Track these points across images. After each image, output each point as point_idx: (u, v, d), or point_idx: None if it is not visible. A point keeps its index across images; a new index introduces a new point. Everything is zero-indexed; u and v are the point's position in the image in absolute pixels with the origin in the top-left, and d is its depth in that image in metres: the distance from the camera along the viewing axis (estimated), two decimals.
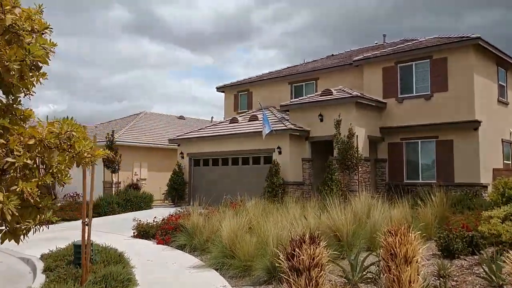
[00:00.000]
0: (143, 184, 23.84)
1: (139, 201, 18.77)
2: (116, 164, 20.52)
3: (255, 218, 10.03)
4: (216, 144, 19.99)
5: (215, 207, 13.86)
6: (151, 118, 30.29)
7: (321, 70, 20.61)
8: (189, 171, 21.15)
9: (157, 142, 25.64)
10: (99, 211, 17.57)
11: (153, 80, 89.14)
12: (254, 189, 17.27)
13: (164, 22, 78.26)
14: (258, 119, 19.72)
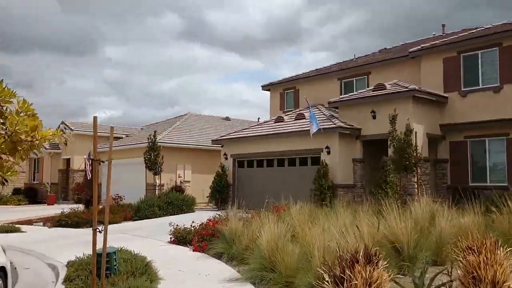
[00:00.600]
0: (187, 186, 23.27)
1: (180, 204, 18.12)
2: (158, 166, 20.01)
3: (300, 224, 8.92)
4: (261, 144, 19.01)
5: (258, 211, 12.91)
6: (196, 120, 29.83)
7: (373, 64, 19.13)
8: (232, 173, 20.30)
9: (201, 143, 25.03)
10: (139, 214, 17.07)
11: (203, 85, 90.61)
12: (301, 192, 16.11)
13: (214, 27, 79.09)
14: (305, 118, 18.55)
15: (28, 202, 26.84)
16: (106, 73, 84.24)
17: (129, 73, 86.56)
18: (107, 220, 5.99)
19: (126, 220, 16.92)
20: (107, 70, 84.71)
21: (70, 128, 26.92)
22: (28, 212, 20.74)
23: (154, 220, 16.60)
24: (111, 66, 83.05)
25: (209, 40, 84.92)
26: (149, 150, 19.92)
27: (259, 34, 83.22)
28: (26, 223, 16.99)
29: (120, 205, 19.23)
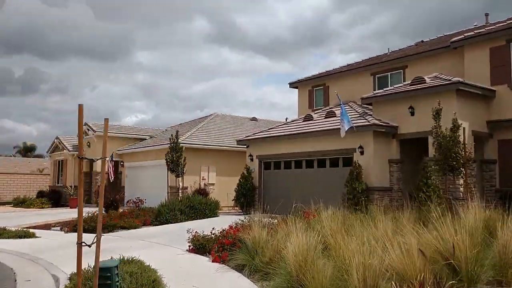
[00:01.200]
0: (211, 189, 22.37)
1: (203, 208, 17.18)
2: (180, 168, 19.17)
3: (332, 234, 7.78)
4: (289, 144, 17.90)
5: (285, 217, 11.83)
6: (222, 120, 28.97)
7: (409, 57, 17.74)
8: (258, 175, 19.26)
9: (226, 144, 24.10)
10: (160, 219, 16.23)
11: (233, 88, 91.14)
12: (332, 195, 14.94)
13: (243, 31, 79.56)
14: (335, 115, 17.33)
15: (52, 205, 26.54)
16: (137, 77, 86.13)
17: (159, 77, 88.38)
18: (100, 229, 5.01)
19: (145, 225, 16.12)
20: (138, 75, 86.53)
21: (92, 129, 26.48)
22: (48, 216, 20.27)
23: (175, 225, 15.72)
24: (142, 70, 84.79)
25: (238, 44, 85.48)
26: (171, 151, 19.10)
27: (287, 37, 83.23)
28: (44, 228, 16.42)
29: (141, 209, 18.47)
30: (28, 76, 78.25)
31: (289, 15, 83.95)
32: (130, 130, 28.95)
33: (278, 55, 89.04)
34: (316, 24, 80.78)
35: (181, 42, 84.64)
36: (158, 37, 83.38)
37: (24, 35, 70.29)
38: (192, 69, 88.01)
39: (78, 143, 4.58)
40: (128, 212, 17.80)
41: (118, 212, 17.82)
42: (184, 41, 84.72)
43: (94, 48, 77.68)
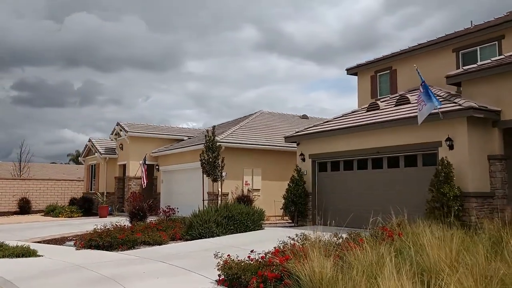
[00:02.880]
0: (256, 196, 19.41)
1: (245, 219, 14.23)
2: (218, 170, 16.33)
3: (452, 270, 4.55)
4: (349, 139, 14.64)
5: (353, 233, 8.76)
6: (268, 118, 26.03)
7: (509, 23, 13.94)
8: (312, 178, 16.09)
9: (273, 143, 21.09)
10: (192, 233, 13.43)
11: (281, 95, 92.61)
12: (410, 203, 11.64)
13: (291, 37, 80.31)
14: (409, 102, 13.92)
15: (83, 214, 24.55)
16: (188, 86, 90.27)
17: (209, 86, 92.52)
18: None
19: (174, 240, 13.41)
20: (189, 84, 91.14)
21: (124, 129, 24.28)
22: (70, 227, 18.05)
23: (209, 241, 12.84)
24: (193, 80, 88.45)
25: (286, 51, 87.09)
26: (207, 150, 16.33)
27: (336, 42, 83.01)
28: (57, 242, 14.07)
29: (171, 220, 15.80)
30: (86, 88, 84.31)
31: (337, 20, 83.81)
32: (167, 130, 26.58)
33: (326, 60, 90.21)
34: (365, 28, 79.57)
35: (230, 51, 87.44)
36: (208, 46, 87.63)
37: (81, 49, 74.54)
38: (241, 77, 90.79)
39: None
40: (156, 223, 15.17)
41: (144, 223, 15.22)
42: (233, 50, 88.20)
43: (147, 59, 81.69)
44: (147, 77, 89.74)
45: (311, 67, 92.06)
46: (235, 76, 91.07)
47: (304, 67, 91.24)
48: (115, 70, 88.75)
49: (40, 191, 29.61)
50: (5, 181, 28.69)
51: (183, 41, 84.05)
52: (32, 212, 27.36)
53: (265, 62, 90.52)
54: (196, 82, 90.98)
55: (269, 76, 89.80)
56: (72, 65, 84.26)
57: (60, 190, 30.45)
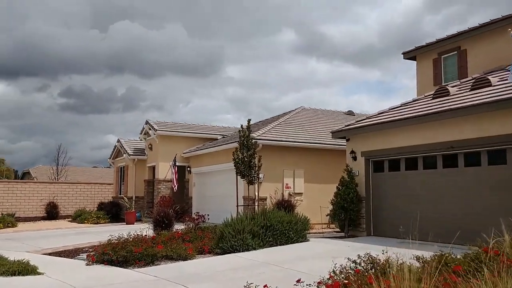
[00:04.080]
0: (298, 201, 17.13)
1: (286, 228, 12.02)
2: (254, 171, 14.19)
3: None
4: (413, 132, 12.18)
5: (436, 254, 6.45)
6: (310, 114, 23.70)
7: None
8: (365, 180, 13.70)
9: (318, 141, 18.77)
10: (222, 245, 11.35)
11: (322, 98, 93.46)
12: (494, 211, 9.07)
13: (331, 40, 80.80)
14: (491, 85, 11.31)
15: (110, 220, 23.00)
16: (228, 91, 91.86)
17: (249, 90, 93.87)
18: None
19: (202, 253, 11.38)
20: (229, 89, 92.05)
21: (153, 128, 22.56)
22: (90, 235, 16.37)
23: (242, 256, 10.70)
24: (233, 84, 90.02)
25: (326, 54, 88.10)
26: (241, 147, 14.21)
27: (377, 43, 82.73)
28: (67, 255, 12.30)
29: (201, 228, 13.78)
30: (129, 94, 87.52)
31: (378, 21, 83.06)
32: (199, 128, 24.71)
33: (367, 62, 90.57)
34: (407, 28, 77.92)
35: (270, 55, 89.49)
36: (247, 51, 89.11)
37: (125, 57, 77.97)
38: (281, 81, 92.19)
39: None
40: (183, 232, 13.18)
41: (169, 233, 13.26)
42: (273, 54, 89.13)
43: (188, 65, 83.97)
44: (188, 83, 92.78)
45: (351, 69, 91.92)
46: (275, 80, 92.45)
47: (345, 69, 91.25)
48: (157, 76, 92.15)
49: (69, 195, 28.43)
50: (32, 185, 27.66)
51: (223, 46, 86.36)
52: (60, 218, 26.15)
53: (304, 65, 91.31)
54: (236, 86, 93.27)
55: (309, 79, 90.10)
56: (116, 73, 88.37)
57: (90, 194, 29.19)
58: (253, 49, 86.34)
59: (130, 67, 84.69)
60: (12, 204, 26.44)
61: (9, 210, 25.26)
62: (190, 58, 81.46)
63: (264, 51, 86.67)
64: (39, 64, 73.26)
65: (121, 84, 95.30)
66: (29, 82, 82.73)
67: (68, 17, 72.53)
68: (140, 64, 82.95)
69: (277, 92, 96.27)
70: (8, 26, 66.11)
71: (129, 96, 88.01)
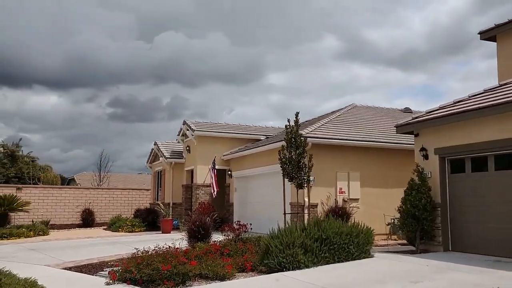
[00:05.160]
0: (354, 208, 14.96)
1: (345, 242, 9.94)
2: (303, 173, 12.17)
3: None
4: (504, 123, 9.79)
5: None
6: (362, 112, 21.44)
7: None
8: (441, 182, 11.41)
9: (376, 139, 16.54)
10: (269, 262, 9.41)
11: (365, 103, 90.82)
12: None
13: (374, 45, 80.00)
14: None
15: (146, 228, 21.53)
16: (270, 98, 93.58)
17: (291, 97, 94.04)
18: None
19: (243, 271, 9.53)
20: (271, 96, 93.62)
21: (191, 128, 20.98)
22: (121, 246, 14.87)
23: (293, 276, 8.73)
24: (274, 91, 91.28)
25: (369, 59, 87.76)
26: (288, 146, 12.23)
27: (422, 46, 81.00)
28: (89, 270, 10.69)
29: (242, 240, 11.90)
30: (173, 103, 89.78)
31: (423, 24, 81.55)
32: (240, 129, 22.92)
33: (412, 66, 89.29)
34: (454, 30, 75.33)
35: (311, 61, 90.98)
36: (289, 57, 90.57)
37: (169, 66, 80.00)
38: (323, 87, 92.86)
39: None
40: (221, 245, 11.34)
41: (206, 245, 11.45)
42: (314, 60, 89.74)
43: (230, 73, 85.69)
44: (231, 91, 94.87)
45: (395, 74, 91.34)
46: (316, 86, 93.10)
47: (388, 74, 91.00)
48: (200, 85, 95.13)
49: (105, 202, 27.33)
50: (68, 191, 26.75)
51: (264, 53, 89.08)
52: (96, 225, 24.98)
53: (346, 71, 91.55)
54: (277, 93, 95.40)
55: (351, 85, 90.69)
56: (161, 82, 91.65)
57: (127, 201, 28.00)
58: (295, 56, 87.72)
59: (174, 76, 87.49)
60: (47, 211, 25.57)
61: (44, 217, 24.39)
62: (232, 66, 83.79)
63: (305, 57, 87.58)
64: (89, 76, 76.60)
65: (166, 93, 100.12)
66: (80, 93, 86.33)
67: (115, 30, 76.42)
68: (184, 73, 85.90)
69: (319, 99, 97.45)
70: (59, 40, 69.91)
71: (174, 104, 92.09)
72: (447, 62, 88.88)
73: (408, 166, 16.45)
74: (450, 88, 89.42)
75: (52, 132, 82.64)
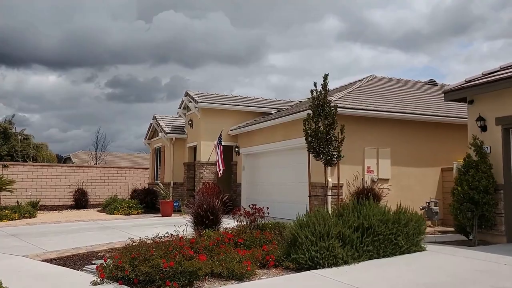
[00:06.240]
0: (385, 189, 13.06)
1: (392, 232, 8.02)
2: (334, 147, 10.20)
3: None
4: None
5: None
6: (384, 84, 19.37)
7: None
8: (504, 159, 9.49)
9: (414, 111, 14.56)
10: (297, 256, 7.54)
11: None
12: None
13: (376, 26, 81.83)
14: None
15: (144, 211, 19.72)
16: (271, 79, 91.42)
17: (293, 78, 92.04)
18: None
19: (265, 267, 7.71)
20: (272, 77, 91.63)
21: (195, 100, 18.94)
22: (114, 232, 13.07)
23: (331, 276, 6.88)
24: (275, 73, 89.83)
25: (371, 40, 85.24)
26: (315, 114, 10.22)
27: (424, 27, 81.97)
28: (74, 263, 8.85)
29: (258, 227, 10.02)
30: (173, 83, 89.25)
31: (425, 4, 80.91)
32: (248, 101, 20.89)
33: (414, 48, 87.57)
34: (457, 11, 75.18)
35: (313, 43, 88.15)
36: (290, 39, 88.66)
37: (169, 46, 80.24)
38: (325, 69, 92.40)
39: None
40: (235, 233, 9.43)
41: (216, 233, 9.55)
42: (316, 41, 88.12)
43: (230, 54, 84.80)
44: (231, 72, 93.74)
45: (397, 55, 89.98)
46: (318, 67, 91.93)
47: (390, 55, 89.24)
48: (201, 65, 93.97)
49: (100, 181, 25.45)
50: (59, 169, 24.79)
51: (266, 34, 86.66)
52: (90, 206, 23.15)
53: (349, 52, 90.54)
54: (279, 75, 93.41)
55: (354, 66, 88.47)
56: (161, 62, 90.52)
57: (124, 180, 26.12)
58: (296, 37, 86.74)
59: (174, 56, 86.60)
60: (36, 191, 23.72)
61: (32, 198, 22.55)
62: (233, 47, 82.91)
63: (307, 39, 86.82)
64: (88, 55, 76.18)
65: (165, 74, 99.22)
66: (79, 73, 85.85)
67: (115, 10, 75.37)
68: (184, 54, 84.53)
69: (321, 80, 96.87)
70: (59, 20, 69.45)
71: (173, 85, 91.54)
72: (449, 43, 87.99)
73: (447, 141, 14.57)
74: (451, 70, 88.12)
75: (51, 112, 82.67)
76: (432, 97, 17.62)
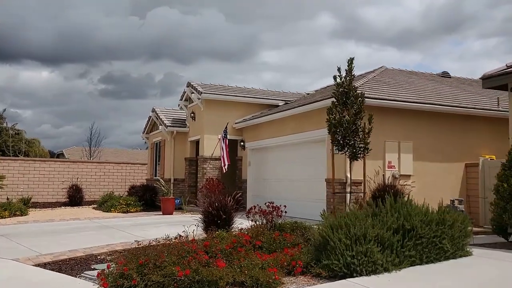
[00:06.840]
0: (408, 185, 12.14)
1: (436, 234, 7.07)
2: (360, 139, 9.24)
3: None
4: None
5: None
6: (396, 75, 18.42)
7: None
8: None
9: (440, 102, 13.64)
10: (329, 263, 6.58)
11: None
12: None
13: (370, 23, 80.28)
14: None
15: (143, 208, 18.70)
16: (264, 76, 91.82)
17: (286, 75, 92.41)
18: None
19: (292, 275, 6.76)
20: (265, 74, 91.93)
21: (198, 90, 17.92)
22: (112, 232, 12.05)
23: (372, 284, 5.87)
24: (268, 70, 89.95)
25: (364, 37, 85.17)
26: (340, 102, 9.24)
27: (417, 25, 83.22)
28: (71, 268, 7.84)
29: (278, 227, 9.05)
30: (166, 80, 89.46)
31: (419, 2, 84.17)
32: (254, 92, 19.89)
33: (407, 45, 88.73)
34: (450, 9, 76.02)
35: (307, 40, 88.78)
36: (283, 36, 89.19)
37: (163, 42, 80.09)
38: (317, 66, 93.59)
39: None
40: (252, 235, 8.43)
41: (230, 234, 8.55)
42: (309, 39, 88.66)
43: (224, 51, 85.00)
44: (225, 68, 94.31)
45: (391, 53, 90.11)
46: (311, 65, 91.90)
47: (384, 53, 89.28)
48: (194, 62, 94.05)
49: (95, 177, 24.42)
50: (52, 164, 23.72)
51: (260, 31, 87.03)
52: (85, 203, 22.09)
53: (342, 49, 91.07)
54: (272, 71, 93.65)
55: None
56: (154, 58, 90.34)
57: (120, 176, 25.10)
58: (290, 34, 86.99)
59: (168, 53, 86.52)
60: (28, 187, 22.64)
61: (24, 194, 21.47)
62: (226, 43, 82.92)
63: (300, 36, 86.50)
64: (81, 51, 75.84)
65: (159, 70, 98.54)
66: (71, 69, 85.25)
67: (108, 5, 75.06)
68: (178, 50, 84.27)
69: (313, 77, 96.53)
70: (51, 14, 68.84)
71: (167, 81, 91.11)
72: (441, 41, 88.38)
73: (472, 135, 13.68)
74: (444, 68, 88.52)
75: (43, 108, 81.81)
76: (450, 88, 16.73)
